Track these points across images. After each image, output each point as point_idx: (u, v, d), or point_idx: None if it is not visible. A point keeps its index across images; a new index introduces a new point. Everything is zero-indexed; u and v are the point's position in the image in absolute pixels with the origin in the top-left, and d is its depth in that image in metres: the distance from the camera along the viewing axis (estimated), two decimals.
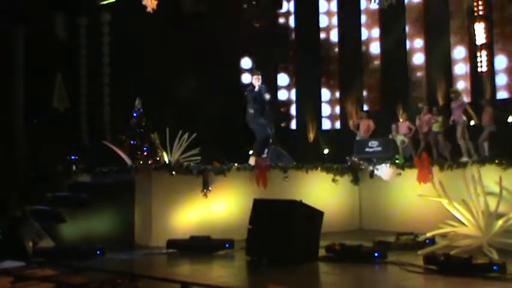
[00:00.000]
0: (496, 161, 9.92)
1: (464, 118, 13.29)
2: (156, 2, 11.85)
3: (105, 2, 15.95)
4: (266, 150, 12.25)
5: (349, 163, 12.47)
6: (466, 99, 15.48)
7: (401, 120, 15.61)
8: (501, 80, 15.99)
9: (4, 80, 16.19)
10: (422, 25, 17.72)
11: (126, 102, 14.46)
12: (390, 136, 15.38)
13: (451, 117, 13.59)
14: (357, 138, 16.19)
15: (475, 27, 16.37)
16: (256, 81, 11.59)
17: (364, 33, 19.36)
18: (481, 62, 16.32)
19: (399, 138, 15.12)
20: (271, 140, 12.04)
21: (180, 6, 16.81)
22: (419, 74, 17.82)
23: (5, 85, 16.21)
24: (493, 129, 13.44)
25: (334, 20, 20.26)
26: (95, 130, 17.29)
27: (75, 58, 17.88)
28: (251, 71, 11.70)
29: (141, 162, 11.96)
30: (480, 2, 16.28)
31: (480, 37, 16.28)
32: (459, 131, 13.15)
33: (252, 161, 11.36)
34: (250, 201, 8.74)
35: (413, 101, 17.51)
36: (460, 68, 16.79)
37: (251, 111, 11.54)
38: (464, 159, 11.88)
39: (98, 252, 8.60)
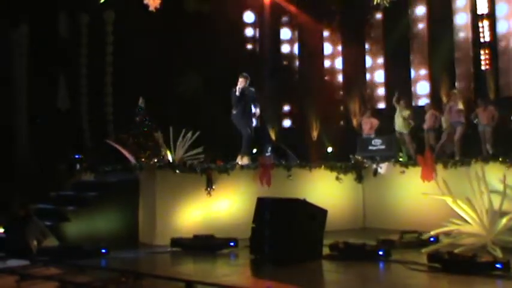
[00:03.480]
0: (500, 159, 9.91)
1: (463, 119, 13.17)
2: (159, 1, 11.81)
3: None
4: (269, 148, 12.19)
5: (352, 161, 12.45)
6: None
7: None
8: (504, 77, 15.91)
9: (7, 80, 16.22)
10: (424, 23, 17.70)
11: (129, 101, 14.45)
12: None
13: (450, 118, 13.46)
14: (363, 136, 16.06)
15: (478, 25, 16.30)
16: (243, 83, 11.26)
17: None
18: (483, 59, 16.23)
19: (406, 113, 14.63)
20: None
21: (182, 5, 16.82)
22: (422, 71, 17.78)
23: (7, 85, 16.24)
24: (491, 128, 13.20)
25: None
26: (98, 129, 17.30)
27: (78, 57, 17.90)
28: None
29: (144, 160, 11.94)
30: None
31: (484, 34, 16.21)
32: (459, 131, 13.03)
33: (239, 159, 11.21)
34: (253, 199, 8.74)
35: (416, 98, 17.48)
36: (462, 66, 16.73)
37: (233, 111, 11.40)
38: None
39: (102, 251, 8.63)
